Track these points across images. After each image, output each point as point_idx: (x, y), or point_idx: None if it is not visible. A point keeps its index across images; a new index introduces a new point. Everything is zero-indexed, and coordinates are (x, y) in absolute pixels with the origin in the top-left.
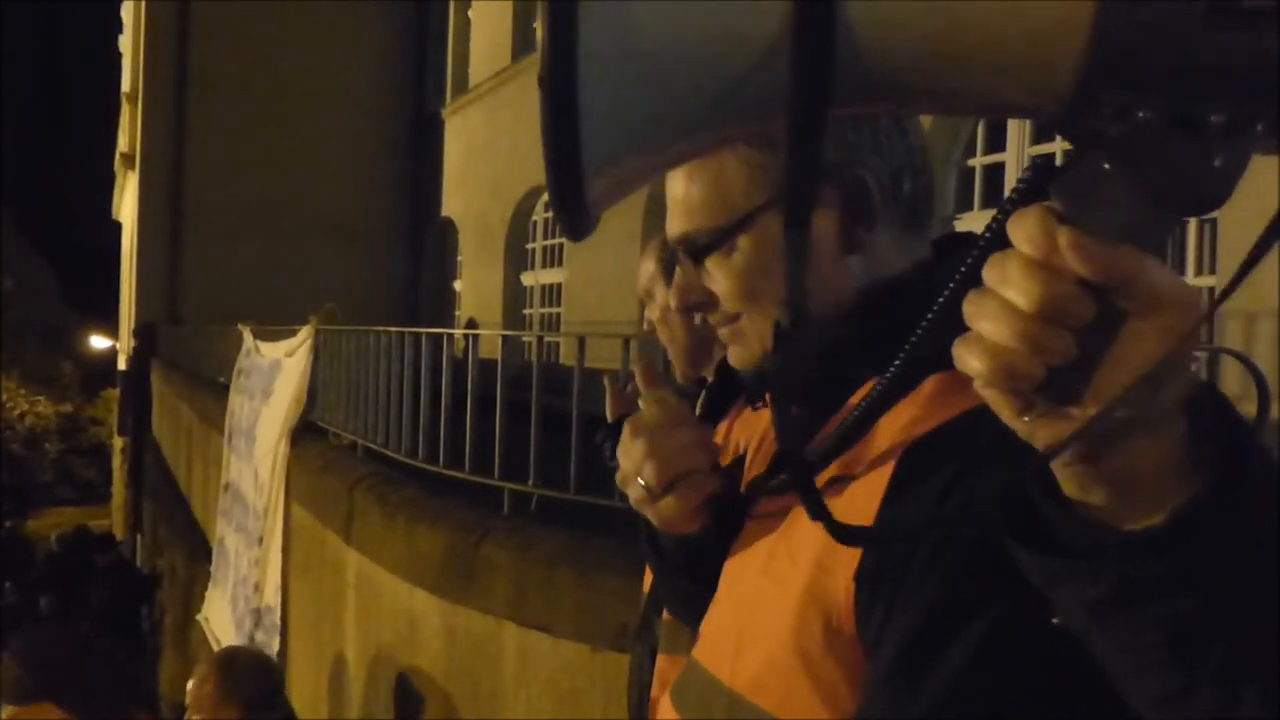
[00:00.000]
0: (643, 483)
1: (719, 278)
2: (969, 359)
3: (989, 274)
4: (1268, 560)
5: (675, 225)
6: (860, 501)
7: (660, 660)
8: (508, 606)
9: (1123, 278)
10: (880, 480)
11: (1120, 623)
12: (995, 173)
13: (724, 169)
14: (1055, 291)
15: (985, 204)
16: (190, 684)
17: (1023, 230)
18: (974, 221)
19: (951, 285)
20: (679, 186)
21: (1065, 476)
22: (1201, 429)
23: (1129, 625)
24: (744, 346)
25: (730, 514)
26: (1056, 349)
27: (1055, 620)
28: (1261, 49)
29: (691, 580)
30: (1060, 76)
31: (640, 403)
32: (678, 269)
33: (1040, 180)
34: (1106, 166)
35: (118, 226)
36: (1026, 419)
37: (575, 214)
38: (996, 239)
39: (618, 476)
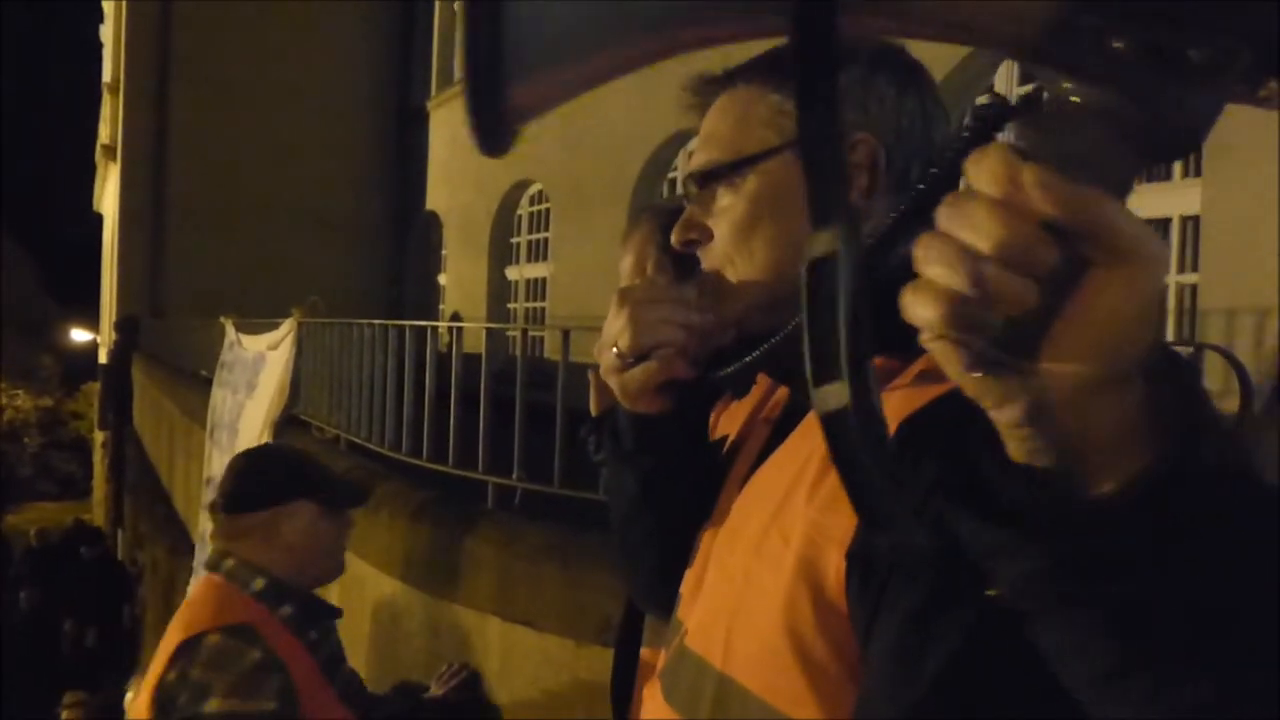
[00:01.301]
0: (615, 350)
1: (720, 217)
2: (917, 307)
3: (944, 216)
4: (1221, 540)
5: (696, 159)
6: None
7: (644, 654)
8: (492, 601)
9: (1090, 222)
10: None
11: (1059, 597)
12: None
13: (749, 109)
14: (1018, 233)
15: None
16: None
17: (984, 168)
18: None
19: (890, 221)
20: (708, 122)
21: (1012, 438)
22: (1159, 395)
23: (1068, 600)
24: (727, 301)
25: (698, 430)
26: (1016, 296)
27: (991, 593)
28: None
29: (636, 479)
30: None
31: (636, 278)
32: (687, 208)
33: (997, 116)
34: (1074, 100)
35: (99, 219)
36: (977, 375)
37: (493, 126)
38: (943, 179)
39: (596, 346)
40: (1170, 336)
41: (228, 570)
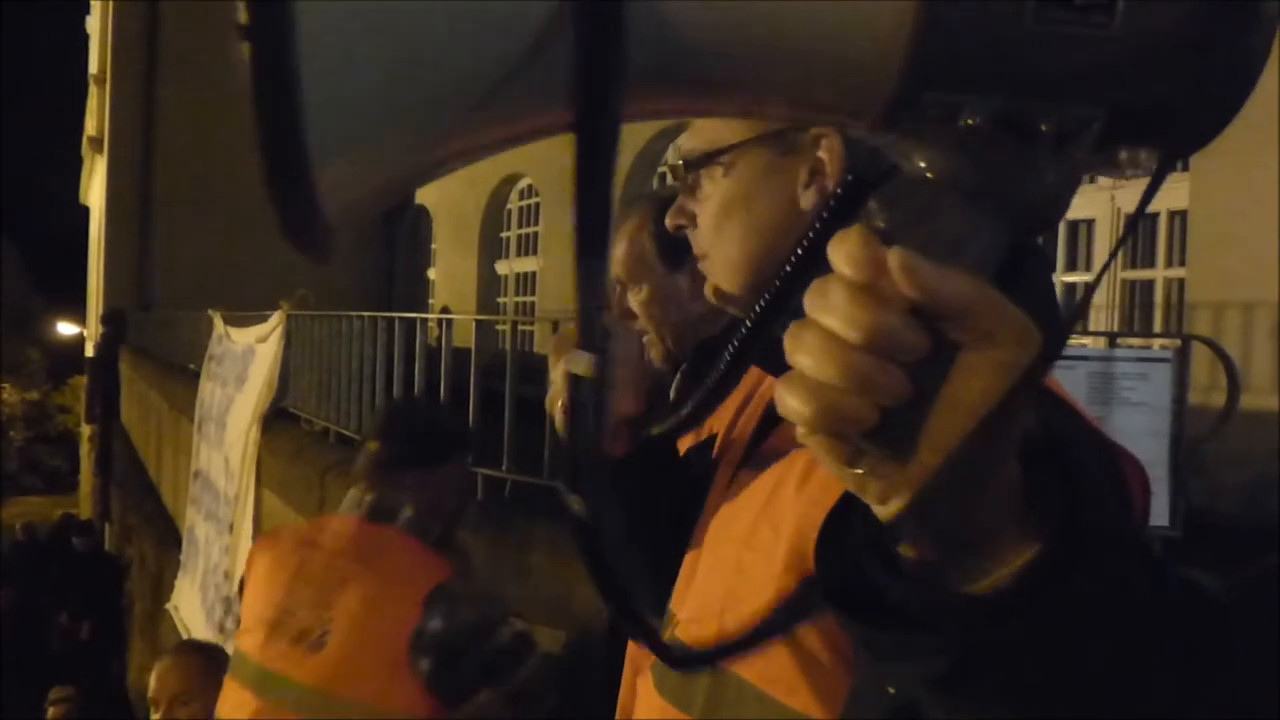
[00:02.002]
0: (561, 403)
1: (702, 205)
2: (789, 399)
3: (809, 302)
4: (1117, 619)
5: (684, 145)
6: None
7: (633, 645)
8: None
9: (955, 305)
10: None
11: (963, 695)
12: None
13: None
14: (885, 321)
15: None
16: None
17: (843, 251)
18: None
19: (760, 307)
20: None
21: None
22: (1040, 477)
23: (972, 697)
24: (710, 290)
25: (666, 467)
26: (888, 387)
27: (891, 690)
28: (1092, 49)
29: (624, 507)
30: (882, 76)
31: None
32: (679, 195)
33: (856, 195)
34: (929, 176)
35: (85, 211)
36: (858, 470)
37: (301, 218)
38: (807, 261)
39: (547, 397)
40: (1158, 329)
41: (407, 521)
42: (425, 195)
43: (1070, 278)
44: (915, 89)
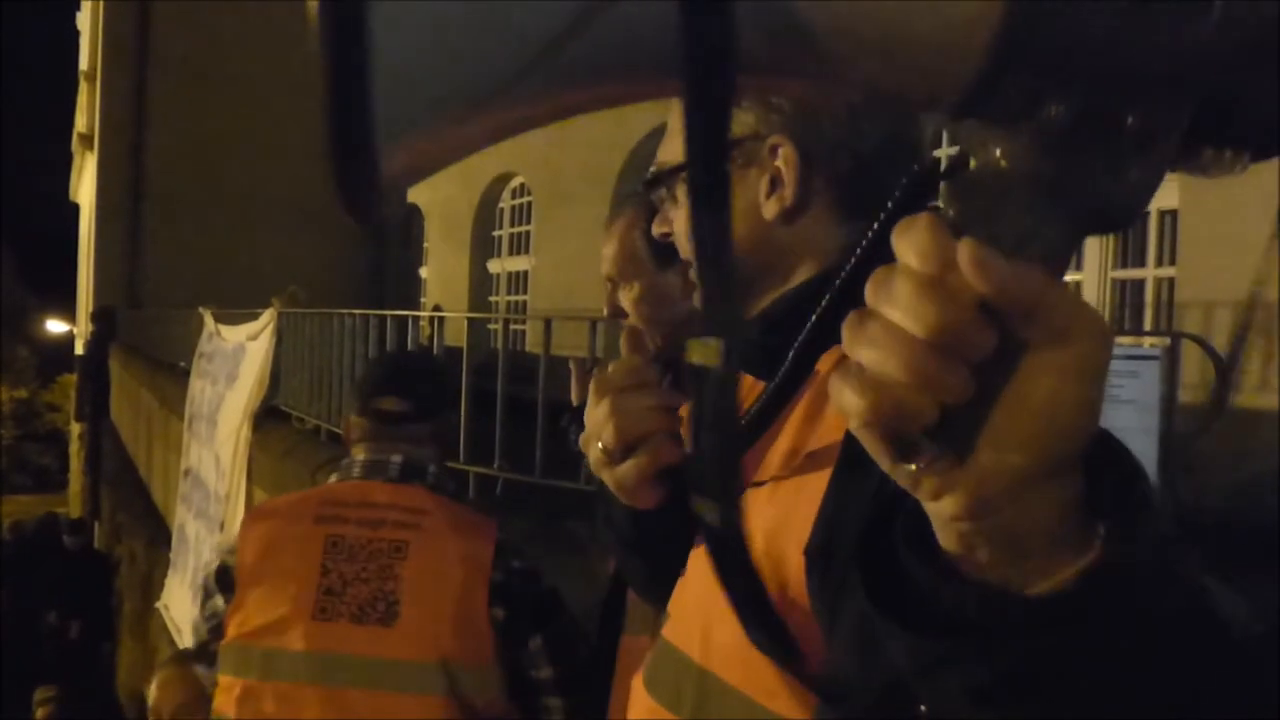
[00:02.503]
0: (601, 445)
1: (678, 215)
2: (847, 394)
3: (872, 293)
4: (1172, 633)
5: (659, 154)
6: (811, 485)
7: (625, 640)
8: None
9: (1027, 301)
10: (829, 460)
11: (1005, 708)
12: None
13: (679, 116)
14: (953, 316)
15: None
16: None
17: (911, 242)
18: None
19: (825, 302)
20: (671, 118)
21: (948, 530)
22: (1101, 486)
23: (1015, 711)
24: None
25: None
26: (952, 385)
27: (923, 709)
28: (1188, 39)
29: (645, 560)
30: (964, 58)
31: (610, 365)
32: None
33: (927, 183)
34: (1004, 165)
35: (75, 208)
36: (912, 467)
37: (362, 197)
38: (875, 250)
39: (580, 437)
40: (1148, 327)
41: (434, 477)
42: (417, 194)
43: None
44: (998, 73)
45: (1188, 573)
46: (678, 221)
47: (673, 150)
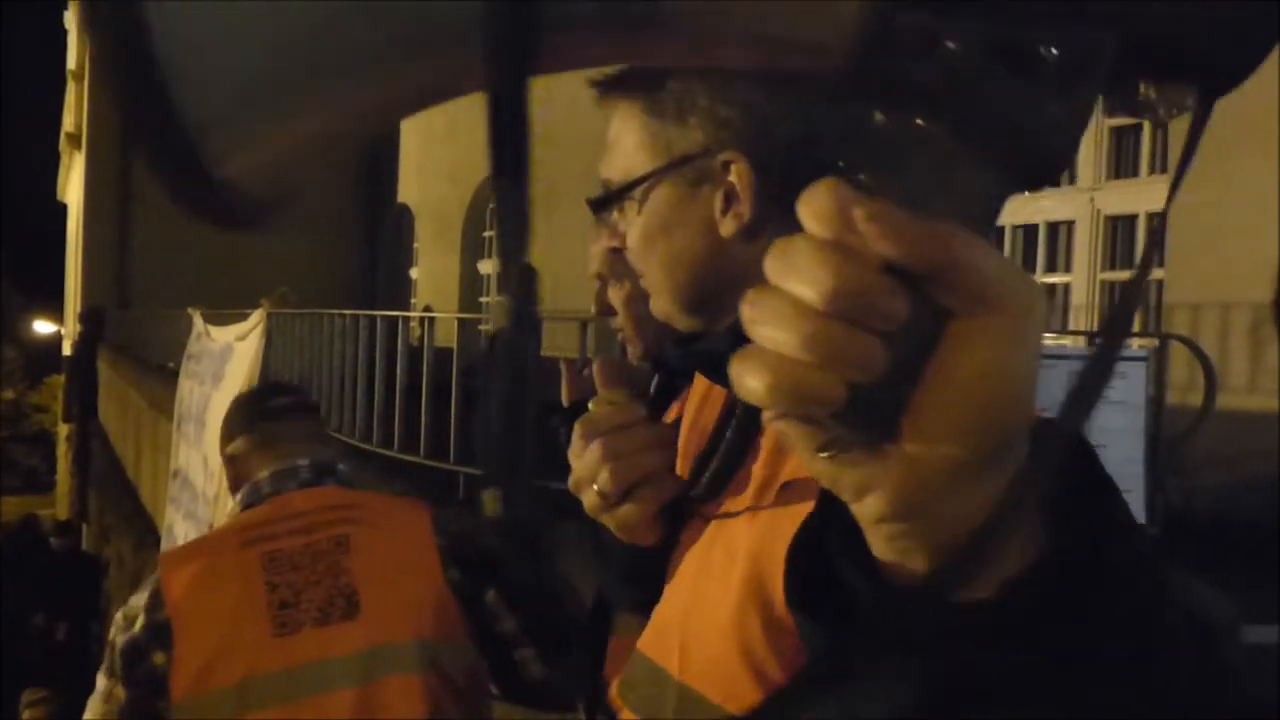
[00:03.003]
0: (598, 489)
1: (629, 230)
2: (744, 377)
3: (770, 264)
4: (1130, 641)
5: (602, 168)
6: (794, 509)
7: (613, 644)
8: None
9: (942, 261)
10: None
11: None
12: None
13: (624, 130)
14: (854, 280)
15: None
16: None
17: (810, 206)
18: None
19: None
20: (610, 132)
21: (876, 534)
22: (1047, 477)
23: None
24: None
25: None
26: (858, 359)
27: None
28: None
29: (645, 590)
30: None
31: (591, 404)
32: (613, 216)
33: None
34: (910, 117)
35: (63, 208)
36: (826, 456)
37: (193, 190)
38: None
39: (569, 481)
40: (1136, 329)
41: (346, 477)
42: (408, 194)
43: (1050, 279)
44: (885, 12)
45: (1153, 579)
46: (630, 235)
47: (615, 165)
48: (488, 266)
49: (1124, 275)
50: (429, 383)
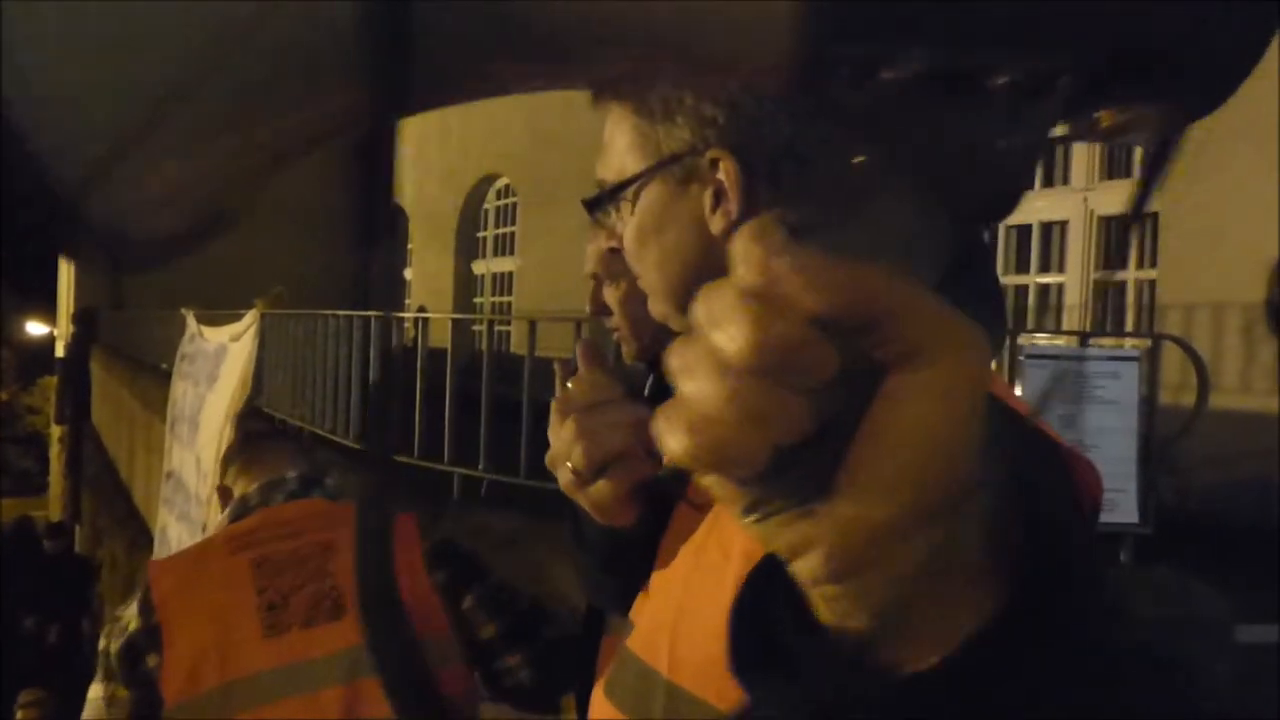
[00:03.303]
0: (571, 466)
1: (625, 231)
2: (665, 435)
3: (696, 310)
4: (1086, 698)
5: (598, 169)
6: None
7: (606, 644)
8: None
9: (873, 314)
10: None
11: None
12: None
13: (616, 132)
14: (774, 335)
15: None
16: None
17: (739, 247)
18: None
19: None
20: (605, 134)
21: (816, 596)
22: (1001, 528)
23: None
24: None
25: (662, 505)
26: (783, 419)
27: None
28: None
29: (618, 578)
30: (777, 27)
31: (570, 382)
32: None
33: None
34: (847, 152)
35: None
36: (752, 518)
37: (69, 232)
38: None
39: (546, 458)
40: (1129, 329)
41: (333, 490)
42: (401, 195)
43: (1043, 279)
44: (820, 41)
45: (1113, 626)
46: (626, 236)
47: (610, 166)
48: (481, 267)
49: (1117, 275)
50: (423, 383)
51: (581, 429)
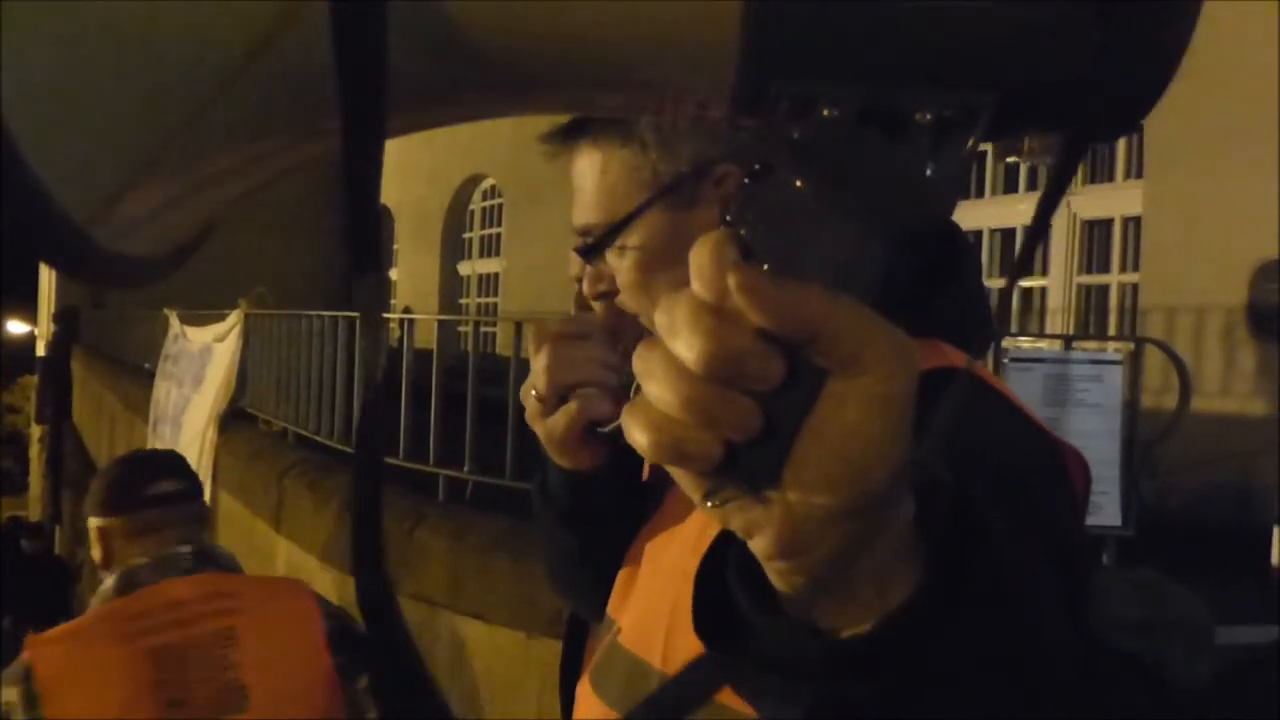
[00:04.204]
0: (534, 393)
1: (617, 276)
2: (632, 431)
3: (658, 320)
4: (998, 670)
5: (577, 217)
6: None
7: (591, 645)
8: (442, 593)
9: (809, 329)
10: None
11: None
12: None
13: (607, 167)
14: (726, 345)
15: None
16: None
17: (695, 262)
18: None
19: None
20: (577, 179)
21: (770, 570)
22: (930, 513)
23: None
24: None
25: (636, 486)
26: (732, 421)
27: None
28: (975, 23)
29: (578, 535)
30: (719, 66)
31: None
32: (591, 264)
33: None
34: (790, 179)
35: None
36: (710, 504)
37: (91, 260)
38: None
39: (521, 388)
40: (1112, 333)
41: (228, 560)
42: (387, 195)
43: (1027, 282)
44: (758, 78)
45: (1029, 605)
46: (623, 276)
47: (598, 208)
48: (467, 268)
49: (1100, 279)
50: (408, 384)
51: (551, 354)
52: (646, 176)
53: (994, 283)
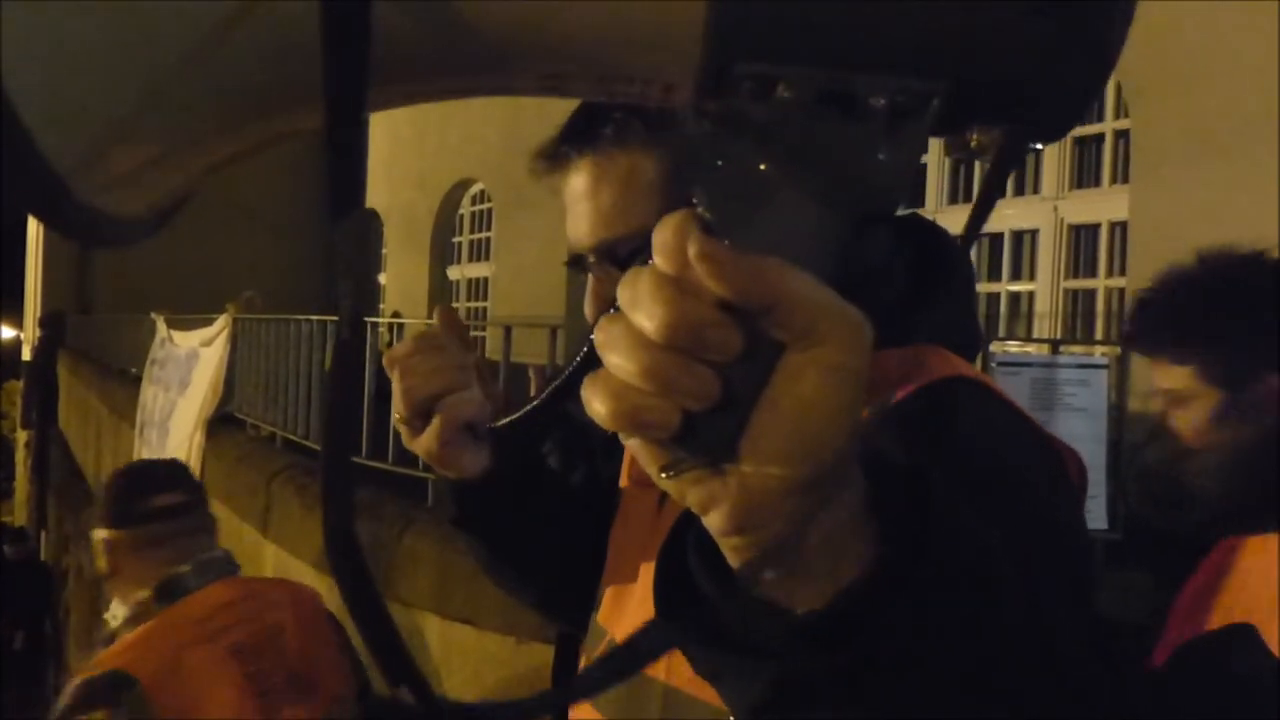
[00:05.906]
0: (396, 416)
1: None
2: (591, 401)
3: (620, 293)
4: (950, 649)
5: (592, 233)
6: None
7: (584, 655)
8: (431, 599)
9: (767, 299)
10: None
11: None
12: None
13: (632, 175)
14: (686, 315)
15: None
16: None
17: (658, 238)
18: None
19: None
20: (584, 194)
21: (725, 546)
22: (885, 491)
23: None
24: None
25: (544, 484)
26: (691, 389)
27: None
28: (928, 14)
29: (479, 538)
30: (684, 48)
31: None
32: (590, 276)
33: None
34: (750, 159)
35: None
36: (666, 475)
37: (73, 218)
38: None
39: (393, 419)
40: (1099, 337)
41: (235, 566)
42: (376, 199)
43: (1014, 287)
44: (723, 61)
45: (986, 577)
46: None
47: (619, 221)
48: (456, 273)
49: (1087, 284)
50: None
51: (402, 375)
52: (675, 179)
53: (985, 287)
